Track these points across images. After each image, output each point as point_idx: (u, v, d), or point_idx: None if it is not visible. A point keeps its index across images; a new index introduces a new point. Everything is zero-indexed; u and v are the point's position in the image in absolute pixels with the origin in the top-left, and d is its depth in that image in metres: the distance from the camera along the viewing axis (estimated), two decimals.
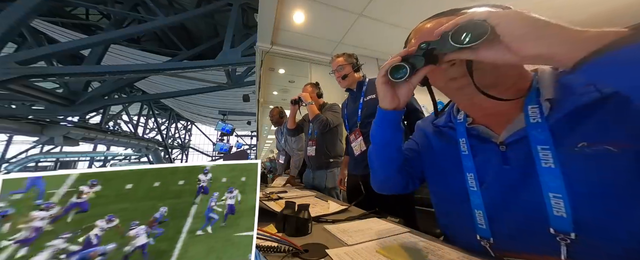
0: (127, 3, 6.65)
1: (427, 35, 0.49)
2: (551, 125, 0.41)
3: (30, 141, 11.57)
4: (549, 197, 0.40)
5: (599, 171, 0.37)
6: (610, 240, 0.36)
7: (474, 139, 0.52)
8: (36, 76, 5.12)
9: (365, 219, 0.85)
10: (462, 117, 0.55)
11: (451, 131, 0.57)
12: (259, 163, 0.45)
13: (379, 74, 0.52)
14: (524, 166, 0.44)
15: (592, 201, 0.37)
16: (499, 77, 0.46)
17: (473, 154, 0.51)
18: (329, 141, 1.73)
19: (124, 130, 12.76)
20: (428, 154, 0.64)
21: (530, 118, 0.43)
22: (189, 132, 23.17)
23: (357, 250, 0.57)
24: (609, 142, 0.36)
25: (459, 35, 0.37)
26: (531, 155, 0.43)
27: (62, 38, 7.01)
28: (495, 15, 0.34)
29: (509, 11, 0.35)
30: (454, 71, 0.47)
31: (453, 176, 0.54)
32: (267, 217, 0.87)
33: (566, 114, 0.40)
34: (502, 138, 0.47)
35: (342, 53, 1.50)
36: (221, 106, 11.37)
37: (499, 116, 0.49)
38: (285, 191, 1.58)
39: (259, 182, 0.44)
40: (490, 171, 0.49)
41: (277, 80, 4.09)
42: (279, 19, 2.37)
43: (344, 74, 1.46)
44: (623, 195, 0.35)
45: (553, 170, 0.40)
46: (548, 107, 0.42)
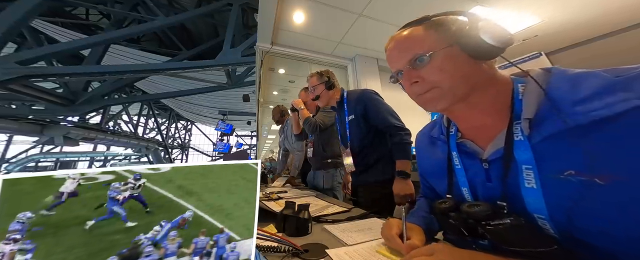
0: (127, 3, 6.64)
1: (395, 60, 0.51)
2: (534, 146, 0.40)
3: (30, 141, 11.57)
4: (534, 217, 0.40)
5: (584, 200, 0.36)
6: (599, 254, 0.37)
7: (463, 154, 0.53)
8: (36, 76, 5.12)
9: (365, 219, 0.85)
10: (453, 130, 0.56)
11: (443, 144, 0.58)
12: (259, 163, 0.45)
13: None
14: (505, 184, 0.43)
15: (577, 227, 0.37)
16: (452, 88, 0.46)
17: (465, 168, 0.52)
18: (325, 142, 1.72)
19: (124, 130, 12.74)
20: (425, 157, 0.67)
21: (514, 135, 0.42)
22: (189, 132, 23.16)
23: (357, 250, 0.57)
24: (598, 174, 0.34)
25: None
26: (510, 173, 0.42)
27: (62, 38, 7.00)
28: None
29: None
30: (418, 88, 0.48)
31: (441, 180, 0.57)
32: (267, 217, 0.87)
33: (550, 136, 0.38)
34: (485, 155, 0.47)
35: (315, 72, 1.49)
36: (221, 106, 11.37)
37: (485, 130, 0.49)
38: (285, 191, 1.58)
39: (259, 182, 0.44)
40: (480, 187, 0.49)
41: (277, 80, 4.09)
42: (279, 19, 2.37)
43: (316, 95, 1.45)
44: (608, 222, 0.34)
45: (535, 191, 0.39)
46: (527, 128, 0.40)
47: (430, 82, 0.46)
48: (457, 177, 0.52)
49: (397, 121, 1.25)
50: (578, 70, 0.41)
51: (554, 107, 0.38)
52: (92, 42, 5.35)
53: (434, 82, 0.46)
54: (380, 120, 1.26)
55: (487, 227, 0.40)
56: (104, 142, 10.54)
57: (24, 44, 6.68)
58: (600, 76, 0.37)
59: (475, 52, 0.43)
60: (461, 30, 0.44)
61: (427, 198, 0.72)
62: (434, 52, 0.45)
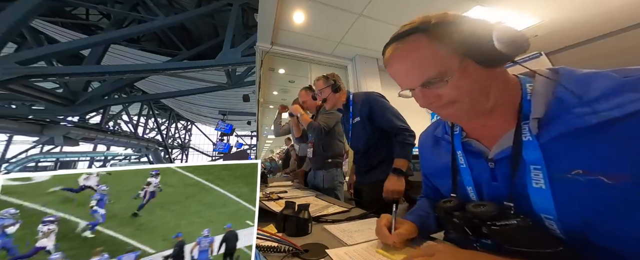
0: (127, 3, 6.64)
1: (403, 77, 0.48)
2: (542, 145, 0.39)
3: (30, 141, 11.56)
4: (541, 217, 0.40)
5: (592, 199, 0.35)
6: (606, 255, 0.36)
7: (468, 153, 0.52)
8: (36, 76, 5.11)
9: (365, 219, 0.85)
10: (458, 129, 0.55)
11: (447, 144, 0.57)
12: (259, 163, 0.45)
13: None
14: (511, 184, 0.43)
15: (585, 227, 0.37)
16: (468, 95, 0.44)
17: (470, 167, 0.51)
18: (325, 142, 1.73)
19: (124, 130, 12.74)
20: (429, 158, 0.67)
21: (523, 135, 0.42)
22: (189, 132, 23.15)
23: (357, 250, 0.57)
24: (606, 174, 0.34)
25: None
26: (517, 173, 0.42)
27: (62, 38, 7.00)
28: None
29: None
30: (436, 104, 0.46)
31: (445, 180, 0.57)
32: (267, 217, 0.87)
33: (559, 136, 0.38)
34: (491, 154, 0.47)
35: (321, 76, 1.51)
36: (221, 106, 11.36)
37: (490, 129, 0.48)
38: (285, 191, 1.58)
39: (259, 182, 0.44)
40: (485, 186, 0.49)
41: (277, 80, 4.09)
42: (279, 19, 2.37)
43: (324, 98, 1.48)
44: (616, 222, 0.34)
45: (543, 192, 0.39)
46: (536, 128, 0.40)
47: (449, 99, 0.44)
48: (462, 176, 0.52)
49: (402, 123, 1.27)
50: (586, 70, 0.40)
51: (564, 107, 0.38)
52: (92, 42, 5.34)
53: (453, 98, 0.44)
54: (386, 121, 1.28)
55: (493, 228, 0.40)
56: (104, 142, 10.54)
57: (24, 44, 6.67)
58: (609, 76, 0.37)
59: (491, 62, 0.41)
60: (471, 41, 0.41)
61: (428, 199, 0.72)
62: (448, 72, 0.42)
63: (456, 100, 0.44)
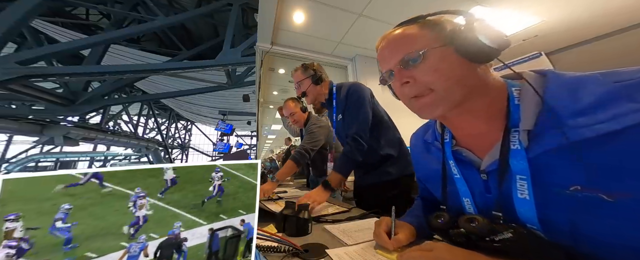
0: (127, 3, 6.64)
1: (387, 59, 0.49)
2: (534, 158, 0.38)
3: (30, 141, 11.57)
4: (526, 226, 0.40)
5: (590, 217, 0.34)
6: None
7: (460, 163, 0.50)
8: (36, 76, 5.11)
9: (365, 219, 0.85)
10: (448, 136, 0.53)
11: (438, 151, 0.56)
12: (259, 163, 0.45)
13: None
14: (501, 195, 0.42)
15: (579, 242, 0.36)
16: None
17: (464, 178, 0.50)
18: (322, 154, 1.68)
19: (124, 130, 12.74)
20: (421, 162, 0.66)
21: (511, 143, 0.40)
22: (189, 132, 23.16)
23: (357, 250, 0.57)
24: (605, 191, 0.32)
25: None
26: (504, 182, 0.41)
27: (62, 38, 7.00)
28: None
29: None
30: (410, 89, 0.46)
31: (438, 188, 0.56)
32: (267, 217, 0.87)
33: (551, 150, 0.36)
34: (483, 166, 0.46)
35: (299, 66, 1.31)
36: (221, 106, 11.36)
37: (481, 138, 0.47)
38: (285, 191, 1.58)
39: (259, 182, 0.44)
40: (479, 197, 0.48)
41: (277, 80, 4.09)
42: (279, 19, 2.37)
43: (302, 91, 1.29)
44: (614, 239, 0.33)
45: (527, 202, 0.38)
46: (526, 140, 0.39)
47: (423, 83, 0.44)
48: (457, 187, 0.50)
49: (361, 131, 1.12)
50: (572, 74, 0.39)
51: (555, 119, 0.36)
52: (92, 42, 5.34)
53: (427, 83, 0.44)
54: (348, 124, 1.17)
55: (495, 245, 0.39)
56: (104, 142, 10.53)
57: (24, 44, 6.68)
58: (598, 82, 0.35)
59: (471, 54, 0.41)
60: (457, 31, 0.42)
61: (423, 199, 0.72)
62: (427, 50, 0.43)
63: (430, 83, 0.43)
